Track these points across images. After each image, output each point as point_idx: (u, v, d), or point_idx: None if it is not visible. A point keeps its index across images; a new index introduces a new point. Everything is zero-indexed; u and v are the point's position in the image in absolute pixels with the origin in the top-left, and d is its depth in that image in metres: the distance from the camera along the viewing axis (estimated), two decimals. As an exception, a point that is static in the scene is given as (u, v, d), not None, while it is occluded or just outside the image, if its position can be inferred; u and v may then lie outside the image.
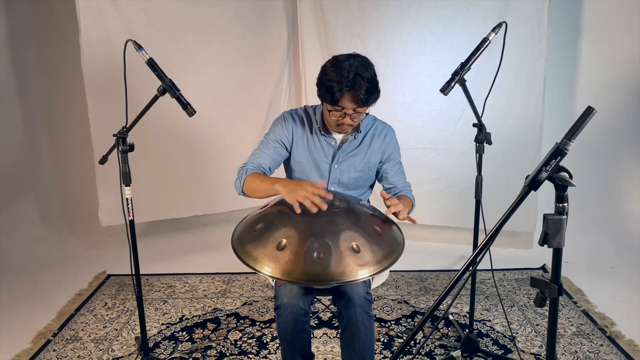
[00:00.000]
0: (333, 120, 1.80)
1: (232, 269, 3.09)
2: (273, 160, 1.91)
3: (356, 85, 1.68)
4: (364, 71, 1.70)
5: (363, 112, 1.77)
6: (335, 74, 1.69)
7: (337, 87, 1.68)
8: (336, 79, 1.68)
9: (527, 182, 1.12)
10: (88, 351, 2.30)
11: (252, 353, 2.27)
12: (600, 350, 2.24)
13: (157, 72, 1.82)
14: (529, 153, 3.15)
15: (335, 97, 1.70)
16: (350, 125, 1.81)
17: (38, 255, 3.38)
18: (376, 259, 1.48)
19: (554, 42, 3.11)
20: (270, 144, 1.92)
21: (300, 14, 3.29)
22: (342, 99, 1.70)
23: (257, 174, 1.82)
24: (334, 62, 1.74)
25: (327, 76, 1.72)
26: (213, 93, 3.32)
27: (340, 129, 1.84)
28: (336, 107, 1.74)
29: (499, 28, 1.87)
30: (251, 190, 1.80)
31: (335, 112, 1.76)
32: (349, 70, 1.68)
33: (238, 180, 1.84)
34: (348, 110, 1.74)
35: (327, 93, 1.72)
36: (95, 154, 2.99)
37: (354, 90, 1.68)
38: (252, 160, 1.89)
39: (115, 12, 2.96)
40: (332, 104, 1.74)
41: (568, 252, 2.13)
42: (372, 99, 1.73)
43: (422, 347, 2.27)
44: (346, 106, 1.73)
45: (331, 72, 1.71)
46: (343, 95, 1.69)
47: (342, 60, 1.72)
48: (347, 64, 1.70)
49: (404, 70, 3.23)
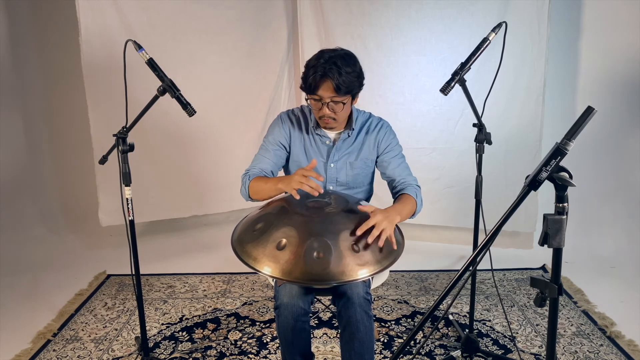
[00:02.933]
0: (315, 112, 1.83)
1: (232, 269, 3.09)
2: (274, 163, 1.93)
3: (329, 72, 1.70)
4: (341, 60, 1.72)
5: (341, 101, 1.77)
6: (314, 61, 1.74)
7: (311, 73, 1.72)
8: (312, 65, 1.73)
9: (527, 182, 1.12)
10: (88, 351, 2.30)
11: (252, 353, 2.27)
12: (600, 350, 2.24)
13: (157, 72, 1.83)
14: (529, 153, 3.15)
15: (308, 83, 1.74)
16: (331, 118, 1.81)
17: (38, 255, 3.38)
18: (376, 258, 1.48)
19: (554, 42, 3.11)
20: (269, 147, 1.94)
21: (300, 13, 3.28)
22: (316, 86, 1.73)
23: (259, 177, 1.85)
24: (317, 53, 1.78)
25: (307, 65, 1.77)
26: (213, 93, 3.32)
27: (324, 122, 1.85)
28: (313, 96, 1.77)
29: (499, 28, 1.87)
30: (256, 193, 1.82)
31: (313, 101, 1.79)
32: (327, 59, 1.72)
33: (243, 187, 1.86)
34: (325, 99, 1.75)
35: (304, 81, 1.77)
36: (95, 154, 2.99)
37: (327, 77, 1.70)
38: (253, 166, 1.91)
39: (115, 12, 2.96)
40: (308, 91, 1.77)
41: (568, 252, 2.13)
42: (348, 87, 1.73)
43: (422, 347, 2.27)
44: (322, 95, 1.75)
45: (312, 60, 1.76)
46: (316, 81, 1.72)
47: (325, 52, 1.77)
48: (328, 55, 1.73)
49: (404, 70, 3.22)
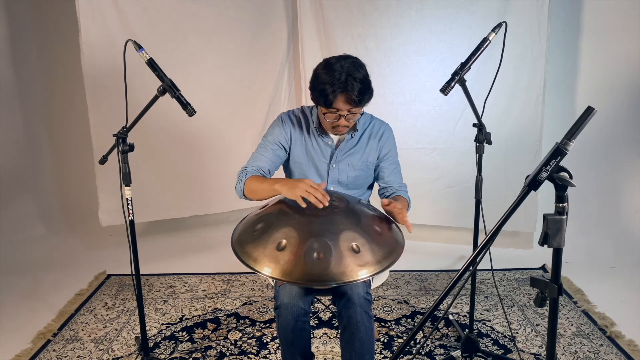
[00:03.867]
0: (328, 122, 1.81)
1: (232, 269, 3.09)
2: (272, 162, 1.92)
3: (348, 86, 1.68)
4: (356, 72, 1.70)
5: (357, 112, 1.77)
6: (328, 76, 1.70)
7: (329, 89, 1.69)
8: (329, 81, 1.69)
9: (527, 182, 1.12)
10: (88, 351, 2.30)
11: (252, 353, 2.27)
12: (600, 350, 2.24)
13: (157, 72, 1.83)
14: (529, 153, 3.15)
15: (329, 100, 1.70)
16: (346, 126, 1.81)
17: (38, 255, 3.38)
18: (376, 259, 1.47)
19: (554, 42, 3.11)
20: (268, 146, 1.92)
21: (300, 13, 3.29)
22: (336, 100, 1.71)
23: (257, 176, 1.83)
24: (326, 65, 1.74)
25: (320, 79, 1.72)
26: (213, 93, 3.33)
27: (336, 130, 1.84)
28: (330, 110, 1.74)
29: (499, 28, 1.87)
30: (252, 192, 1.80)
31: (330, 115, 1.76)
32: (340, 72, 1.69)
33: (238, 183, 1.85)
34: (343, 112, 1.74)
35: (321, 96, 1.72)
36: (95, 154, 2.99)
37: (346, 92, 1.68)
38: (251, 164, 1.89)
39: (115, 12, 2.96)
40: (326, 106, 1.74)
41: (568, 252, 2.13)
42: (365, 99, 1.73)
43: (422, 347, 2.27)
44: (340, 108, 1.73)
45: (323, 74, 1.71)
46: (336, 97, 1.69)
47: (334, 62, 1.72)
48: (339, 66, 1.70)
49: (404, 70, 3.22)
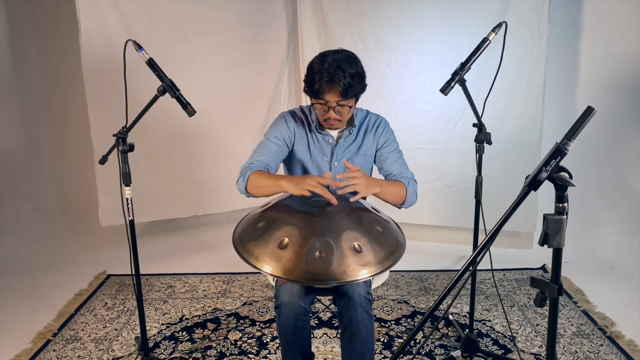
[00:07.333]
0: (320, 115, 1.82)
1: (232, 269, 3.09)
2: (274, 159, 1.90)
3: (335, 77, 1.69)
4: (346, 64, 1.71)
5: (346, 104, 1.77)
6: (318, 66, 1.72)
7: (317, 78, 1.71)
8: (317, 70, 1.72)
9: (527, 182, 1.12)
10: (88, 351, 2.30)
11: (252, 353, 2.27)
12: (600, 350, 2.24)
13: (157, 72, 1.83)
14: (529, 153, 3.15)
15: (315, 89, 1.73)
16: (337, 120, 1.81)
17: (38, 255, 3.38)
18: (377, 259, 1.47)
19: (554, 42, 3.11)
20: (273, 142, 1.91)
21: (300, 13, 3.29)
22: (322, 91, 1.72)
23: (262, 171, 1.80)
24: (319, 57, 1.77)
25: (311, 69, 1.75)
26: (213, 93, 3.32)
27: (328, 124, 1.84)
28: (319, 100, 1.76)
29: (499, 28, 1.87)
30: (255, 188, 1.77)
31: (319, 105, 1.78)
32: (330, 63, 1.70)
33: (242, 178, 1.80)
34: (331, 104, 1.75)
35: (309, 86, 1.75)
36: (95, 154, 2.98)
37: (332, 82, 1.69)
38: (255, 159, 1.86)
39: (115, 12, 2.96)
40: (313, 96, 1.76)
41: (568, 252, 2.14)
42: (352, 90, 1.73)
43: (422, 347, 2.27)
44: (328, 99, 1.74)
45: (315, 65, 1.75)
46: (322, 86, 1.71)
47: (328, 54, 1.75)
48: (331, 58, 1.72)
49: (404, 70, 3.22)
